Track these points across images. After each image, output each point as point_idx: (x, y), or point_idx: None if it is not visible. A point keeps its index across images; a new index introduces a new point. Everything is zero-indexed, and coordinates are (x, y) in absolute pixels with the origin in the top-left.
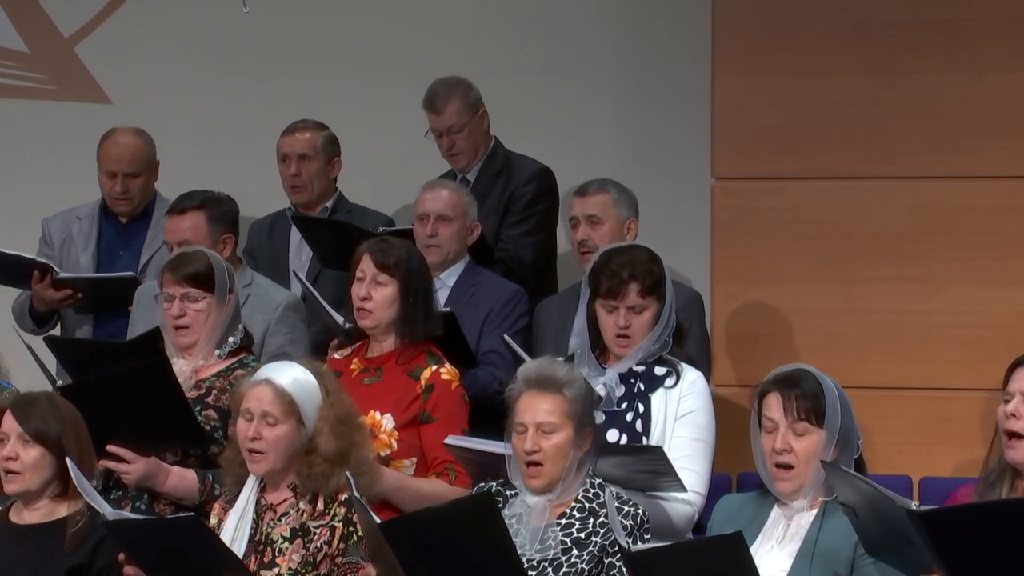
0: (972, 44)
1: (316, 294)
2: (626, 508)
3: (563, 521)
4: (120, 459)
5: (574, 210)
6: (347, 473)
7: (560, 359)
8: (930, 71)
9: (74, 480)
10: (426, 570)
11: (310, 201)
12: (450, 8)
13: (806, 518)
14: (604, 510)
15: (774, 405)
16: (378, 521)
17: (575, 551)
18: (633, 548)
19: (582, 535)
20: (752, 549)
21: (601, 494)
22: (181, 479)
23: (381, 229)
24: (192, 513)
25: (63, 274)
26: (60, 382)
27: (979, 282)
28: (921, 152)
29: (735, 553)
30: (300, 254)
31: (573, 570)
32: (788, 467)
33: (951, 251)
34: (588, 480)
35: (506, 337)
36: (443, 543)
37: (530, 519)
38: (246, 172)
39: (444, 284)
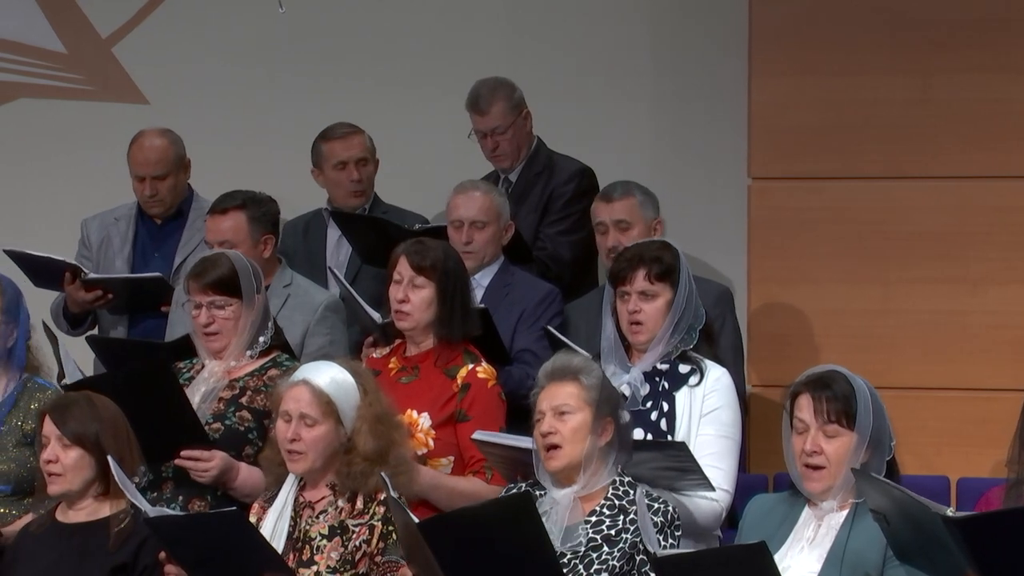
0: (1009, 44)
1: (353, 292)
2: (656, 505)
3: (593, 519)
4: (195, 460)
5: (600, 215)
6: (382, 473)
7: (578, 354)
8: (967, 71)
9: (115, 478)
10: (464, 569)
11: (366, 204)
12: (485, 8)
13: (836, 519)
14: (635, 507)
15: (805, 406)
16: (416, 520)
17: (606, 548)
18: (660, 552)
19: (612, 532)
20: (782, 550)
21: (632, 492)
22: (250, 474)
23: (418, 226)
24: (234, 507)
25: (92, 275)
26: (66, 380)
27: (1018, 282)
28: (958, 152)
29: (760, 562)
30: (338, 253)
31: (604, 567)
32: (818, 468)
33: (989, 251)
34: (617, 477)
35: (550, 328)
36: (481, 542)
37: (557, 514)
38: (282, 173)
39: (479, 284)
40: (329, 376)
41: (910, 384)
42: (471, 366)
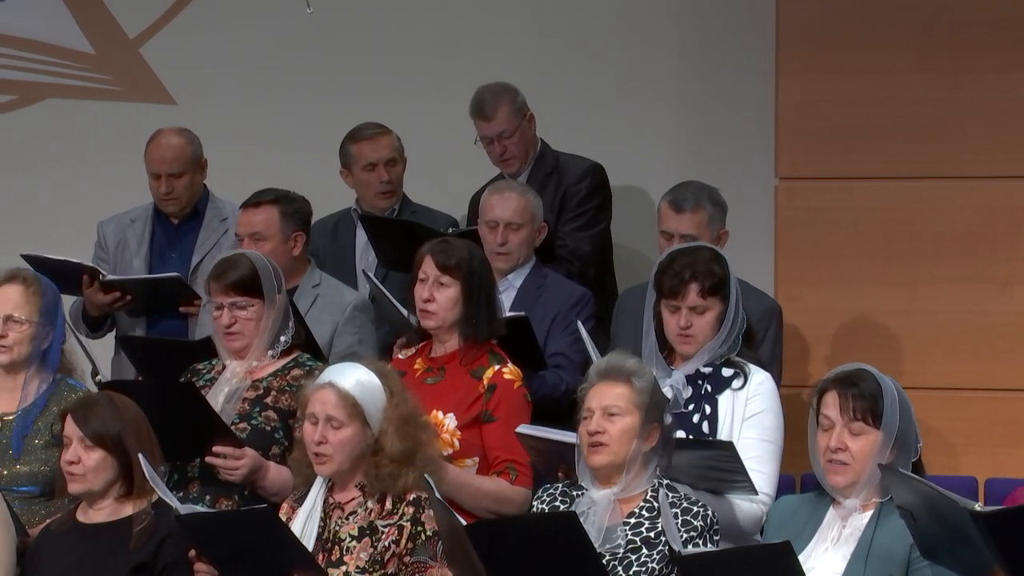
0: None
1: (387, 293)
2: (695, 509)
3: (632, 520)
4: (225, 458)
5: (668, 224)
6: (426, 476)
7: (630, 355)
8: (996, 70)
9: (146, 474)
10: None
11: (396, 204)
12: (512, 9)
13: (861, 520)
14: (674, 510)
15: (831, 403)
16: (464, 523)
17: (644, 550)
18: (684, 551)
19: (651, 535)
20: (807, 550)
21: (669, 494)
22: (279, 473)
23: (451, 230)
24: (266, 505)
25: (110, 277)
26: (100, 378)
27: None
28: (987, 152)
29: (784, 562)
30: (368, 254)
31: (643, 569)
32: (842, 464)
33: (1017, 251)
34: (656, 480)
35: (580, 324)
36: (529, 552)
37: (595, 516)
38: (309, 174)
39: (511, 285)
40: (355, 378)
41: (938, 384)
42: (497, 367)
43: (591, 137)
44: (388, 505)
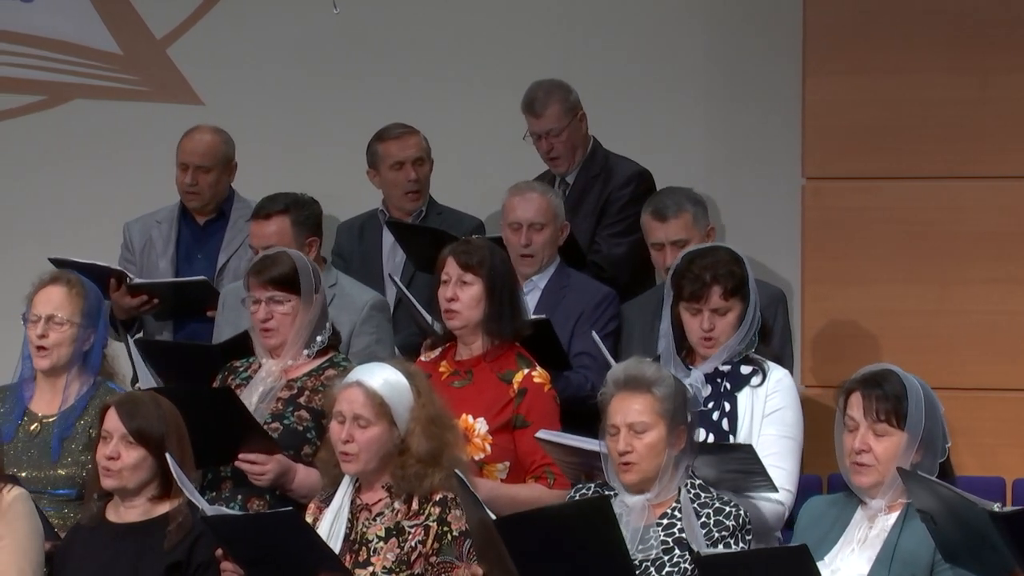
0: None
1: (411, 297)
2: (727, 508)
3: (664, 521)
4: (251, 464)
5: (656, 235)
6: (457, 472)
7: (648, 359)
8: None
9: (174, 475)
10: (538, 569)
11: (423, 205)
12: (539, 7)
13: (887, 521)
14: (706, 510)
15: (856, 404)
16: (493, 517)
17: (677, 551)
18: (704, 552)
19: (684, 535)
20: (833, 551)
21: (702, 495)
22: (308, 475)
23: (475, 238)
24: (291, 508)
25: (137, 280)
26: (138, 386)
27: None
28: (1015, 151)
29: (802, 565)
30: (394, 256)
31: (676, 570)
32: (866, 466)
33: None
34: (688, 480)
35: (594, 334)
36: (558, 543)
37: (630, 519)
38: (336, 173)
39: (536, 286)
40: (382, 377)
41: (966, 385)
42: (526, 370)
43: (617, 137)
44: (415, 505)
